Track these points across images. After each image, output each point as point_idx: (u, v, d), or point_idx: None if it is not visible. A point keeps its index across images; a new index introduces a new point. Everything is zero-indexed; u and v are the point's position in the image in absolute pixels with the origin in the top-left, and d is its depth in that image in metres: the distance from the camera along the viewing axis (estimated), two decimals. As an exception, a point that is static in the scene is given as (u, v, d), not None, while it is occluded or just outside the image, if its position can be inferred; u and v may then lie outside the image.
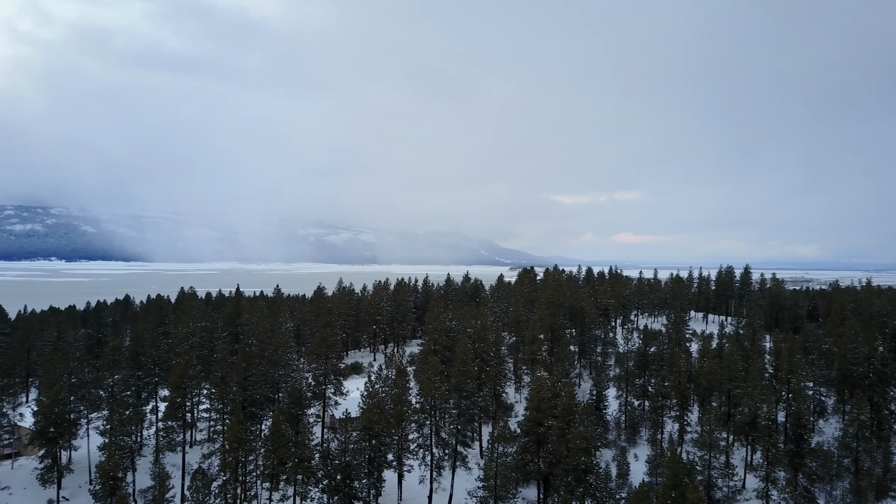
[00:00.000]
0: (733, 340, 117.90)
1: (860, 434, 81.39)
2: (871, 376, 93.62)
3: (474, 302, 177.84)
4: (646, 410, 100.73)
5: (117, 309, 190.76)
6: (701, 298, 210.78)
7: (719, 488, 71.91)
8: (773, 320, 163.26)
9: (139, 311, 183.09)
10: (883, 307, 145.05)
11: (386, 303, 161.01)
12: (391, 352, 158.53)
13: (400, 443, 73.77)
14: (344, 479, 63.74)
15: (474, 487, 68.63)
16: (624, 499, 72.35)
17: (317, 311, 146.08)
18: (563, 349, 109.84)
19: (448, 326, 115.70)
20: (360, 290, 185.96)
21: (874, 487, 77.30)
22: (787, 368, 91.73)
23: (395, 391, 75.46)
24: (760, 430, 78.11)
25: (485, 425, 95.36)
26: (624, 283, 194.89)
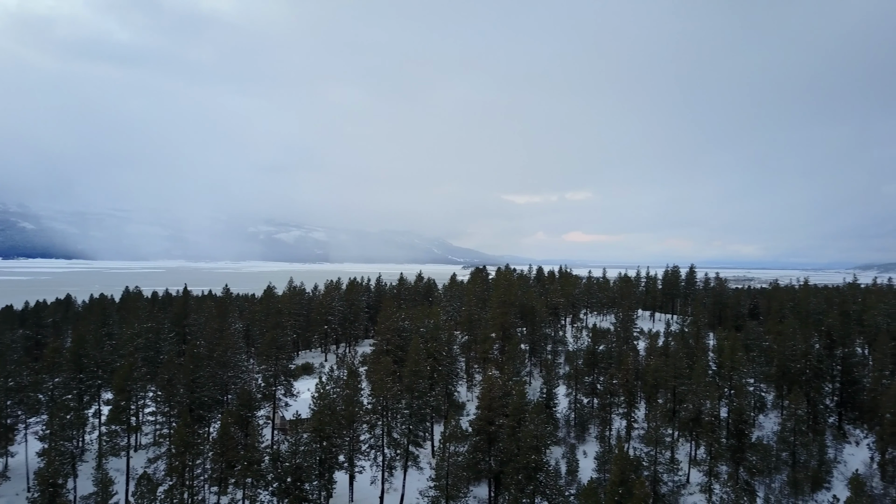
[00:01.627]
0: (679, 338, 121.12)
1: (797, 428, 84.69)
2: (807, 372, 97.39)
3: (427, 301, 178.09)
4: (594, 408, 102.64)
5: (58, 309, 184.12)
6: (648, 297, 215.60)
7: (665, 483, 73.83)
8: (716, 318, 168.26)
9: (81, 311, 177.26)
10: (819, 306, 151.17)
11: (338, 302, 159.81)
12: (343, 352, 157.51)
13: (351, 444, 73.47)
14: (294, 482, 63.12)
15: (426, 487, 68.87)
16: (573, 495, 73.53)
17: (267, 310, 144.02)
18: (514, 348, 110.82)
19: (401, 326, 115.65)
20: (312, 290, 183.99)
21: (810, 479, 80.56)
22: (729, 365, 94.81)
23: (346, 392, 75.04)
24: (704, 426, 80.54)
25: (437, 424, 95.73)
26: (573, 282, 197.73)
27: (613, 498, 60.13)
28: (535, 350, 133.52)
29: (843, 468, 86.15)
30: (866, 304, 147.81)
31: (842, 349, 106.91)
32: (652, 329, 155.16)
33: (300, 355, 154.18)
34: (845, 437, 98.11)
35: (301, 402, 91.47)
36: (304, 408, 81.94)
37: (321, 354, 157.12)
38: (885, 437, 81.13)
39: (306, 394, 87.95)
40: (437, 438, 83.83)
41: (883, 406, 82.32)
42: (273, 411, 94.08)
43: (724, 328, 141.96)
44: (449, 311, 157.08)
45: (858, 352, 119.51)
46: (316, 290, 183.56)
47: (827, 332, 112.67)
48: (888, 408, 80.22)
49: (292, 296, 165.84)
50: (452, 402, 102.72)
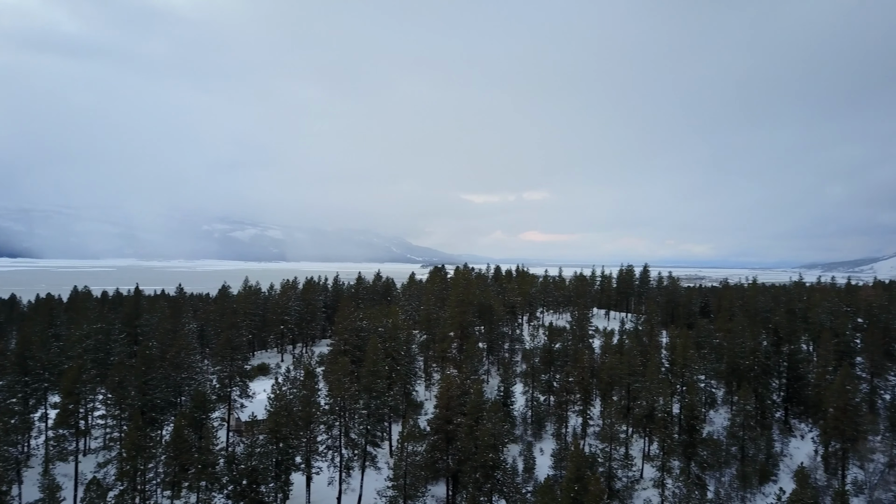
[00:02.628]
0: (633, 336, 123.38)
1: (746, 423, 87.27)
2: (755, 369, 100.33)
3: (386, 300, 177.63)
4: (551, 405, 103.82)
5: (2, 309, 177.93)
6: (603, 296, 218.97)
7: (619, 479, 75.25)
8: (669, 316, 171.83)
9: (27, 312, 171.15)
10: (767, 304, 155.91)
11: (294, 302, 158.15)
12: (300, 352, 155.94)
13: (308, 445, 72.80)
14: (250, 484, 62.31)
15: (384, 487, 68.81)
16: (530, 493, 74.30)
17: (222, 310, 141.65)
18: (472, 346, 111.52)
19: (359, 326, 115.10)
20: (268, 289, 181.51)
21: (758, 473, 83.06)
22: (681, 362, 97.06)
23: (303, 392, 74.38)
24: (657, 422, 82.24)
25: (395, 424, 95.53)
26: (530, 281, 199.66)
27: (569, 495, 60.97)
28: (492, 348, 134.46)
29: (790, 461, 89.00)
30: (811, 302, 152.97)
31: (788, 346, 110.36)
32: (607, 327, 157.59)
33: (256, 356, 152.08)
34: (791, 431, 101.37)
35: (257, 403, 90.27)
36: (260, 409, 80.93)
37: (277, 355, 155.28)
38: (828, 431, 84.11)
39: (262, 395, 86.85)
40: (395, 438, 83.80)
41: (826, 401, 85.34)
42: (228, 413, 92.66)
43: (676, 326, 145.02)
44: (407, 310, 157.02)
45: (804, 348, 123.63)
46: (272, 289, 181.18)
47: (774, 329, 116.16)
48: (831, 402, 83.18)
49: (248, 295, 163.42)
50: (410, 401, 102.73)
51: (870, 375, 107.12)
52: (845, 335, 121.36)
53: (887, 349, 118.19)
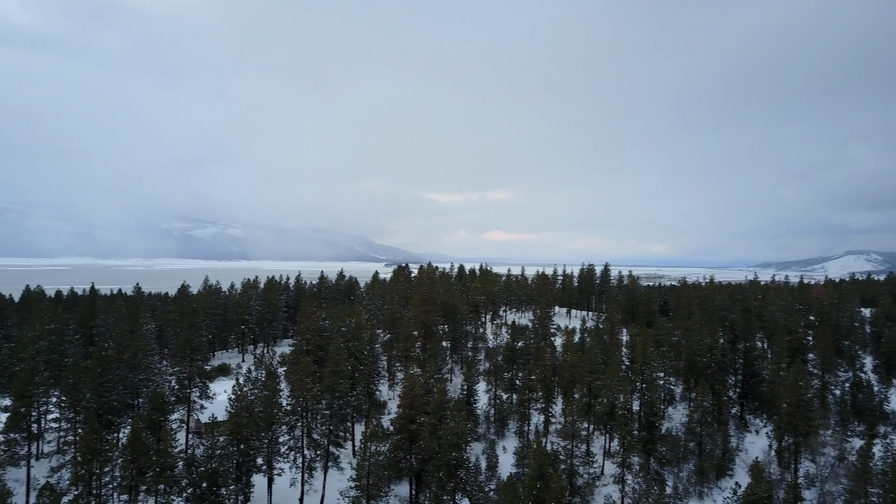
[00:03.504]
0: (594, 334, 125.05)
1: (703, 419, 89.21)
2: (712, 366, 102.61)
3: (349, 300, 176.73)
4: (514, 403, 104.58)
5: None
6: (565, 294, 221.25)
7: (580, 476, 76.11)
8: (629, 315, 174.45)
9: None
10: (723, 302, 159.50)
11: (255, 301, 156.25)
12: (261, 353, 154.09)
13: (270, 446, 72.09)
14: (210, 487, 61.39)
15: (346, 487, 68.50)
16: (493, 491, 74.78)
17: (181, 310, 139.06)
18: (436, 345, 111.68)
19: (321, 325, 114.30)
20: (228, 289, 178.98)
21: (715, 468, 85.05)
22: (641, 360, 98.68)
23: (264, 393, 73.65)
24: (618, 419, 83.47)
25: (358, 424, 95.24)
26: (494, 280, 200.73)
27: (531, 492, 61.58)
28: (456, 347, 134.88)
29: (745, 456, 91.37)
30: (766, 300, 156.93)
31: (744, 343, 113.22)
32: (568, 325, 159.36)
33: (216, 356, 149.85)
34: (746, 427, 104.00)
35: (217, 404, 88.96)
36: (220, 410, 79.73)
37: (238, 355, 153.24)
38: (781, 426, 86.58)
39: (223, 396, 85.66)
40: (358, 438, 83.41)
41: (780, 396, 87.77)
42: (188, 414, 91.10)
43: (636, 324, 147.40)
44: (371, 309, 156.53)
45: (759, 346, 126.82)
46: (233, 288, 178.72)
47: (730, 327, 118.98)
48: (784, 398, 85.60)
49: (208, 295, 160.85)
50: (374, 401, 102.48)
51: (821, 372, 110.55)
52: (798, 333, 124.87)
53: (837, 346, 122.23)
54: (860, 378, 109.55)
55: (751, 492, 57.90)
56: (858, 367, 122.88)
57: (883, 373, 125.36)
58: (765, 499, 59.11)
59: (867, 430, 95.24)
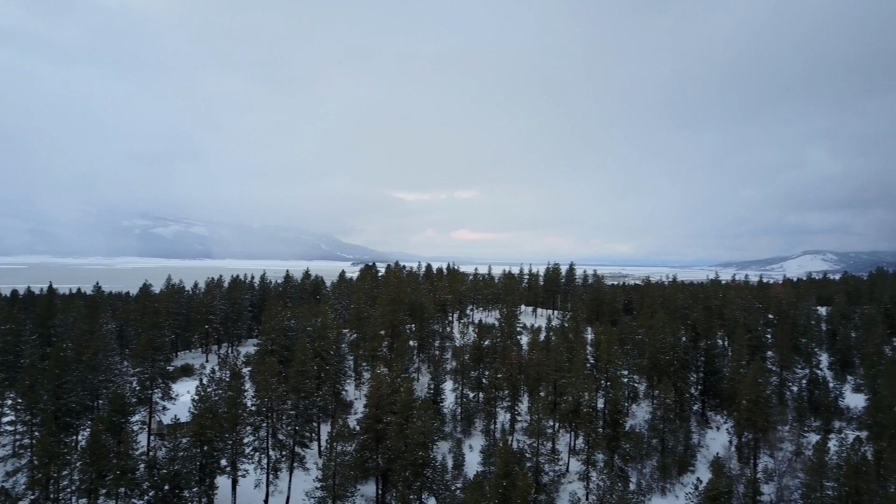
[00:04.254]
0: (559, 333, 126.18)
1: (666, 416, 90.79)
2: (675, 364, 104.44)
3: (315, 299, 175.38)
4: (480, 402, 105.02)
5: None
6: (531, 293, 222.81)
7: (546, 473, 76.84)
8: (594, 313, 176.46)
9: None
10: (686, 301, 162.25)
11: (220, 301, 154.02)
12: (225, 353, 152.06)
13: (234, 447, 71.22)
14: (172, 489, 60.40)
15: (312, 488, 68.03)
16: (459, 489, 75.03)
17: (142, 310, 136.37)
18: (403, 345, 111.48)
19: (286, 325, 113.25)
20: (192, 288, 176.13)
21: (677, 464, 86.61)
22: (605, 358, 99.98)
23: (229, 394, 72.72)
24: (583, 417, 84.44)
25: (324, 424, 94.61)
26: (461, 279, 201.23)
27: (498, 490, 61.91)
28: (423, 346, 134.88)
29: (706, 452, 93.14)
30: (726, 299, 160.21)
31: (705, 341, 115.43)
32: (534, 324, 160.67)
33: (179, 356, 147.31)
34: (708, 423, 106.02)
35: (180, 405, 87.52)
36: (183, 411, 78.46)
37: (202, 355, 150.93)
38: (741, 422, 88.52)
39: (186, 397, 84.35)
40: (324, 438, 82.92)
41: (740, 393, 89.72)
42: (149, 416, 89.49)
43: (601, 323, 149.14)
44: (337, 308, 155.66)
45: (719, 343, 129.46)
46: (196, 287, 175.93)
47: (692, 325, 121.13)
48: (744, 395, 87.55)
49: (170, 294, 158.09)
50: (340, 401, 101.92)
51: (779, 369, 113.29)
52: (757, 331, 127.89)
53: (795, 344, 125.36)
54: (816, 375, 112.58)
55: (712, 487, 59.07)
56: (815, 364, 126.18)
57: (838, 369, 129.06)
58: (725, 493, 60.34)
59: (823, 425, 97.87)
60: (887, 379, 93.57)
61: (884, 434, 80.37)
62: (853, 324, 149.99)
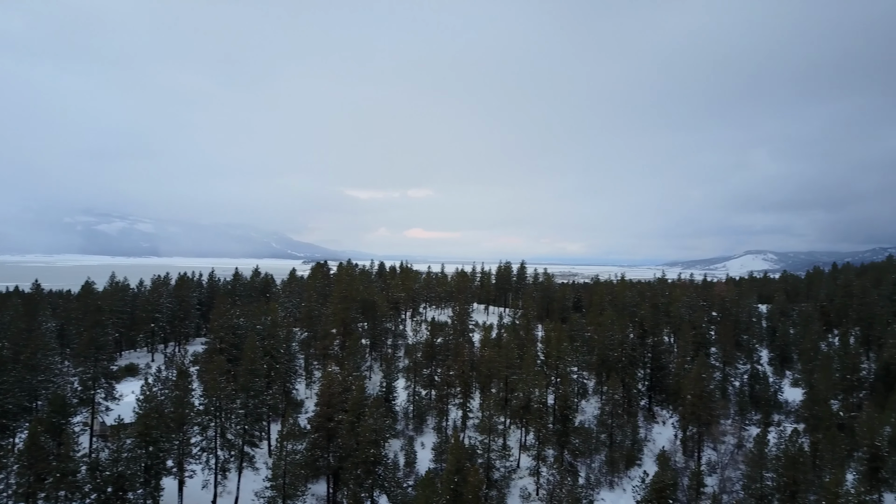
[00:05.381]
0: (510, 330, 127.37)
1: (614, 412, 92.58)
2: (623, 360, 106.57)
3: (264, 297, 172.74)
4: (432, 399, 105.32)
5: None
6: (483, 291, 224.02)
7: (497, 469, 77.58)
8: (544, 311, 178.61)
9: None
10: (633, 299, 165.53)
11: (166, 299, 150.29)
12: (172, 352, 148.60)
13: (181, 447, 69.75)
14: (115, 491, 58.82)
15: (262, 488, 67.13)
16: (411, 487, 75.13)
17: (85, 308, 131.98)
18: (355, 343, 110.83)
19: (235, 323, 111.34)
20: (137, 285, 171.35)
21: (624, 458, 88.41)
22: (555, 355, 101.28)
23: (175, 393, 71.18)
24: (533, 413, 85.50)
25: (274, 423, 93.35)
26: (414, 277, 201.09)
27: (449, 486, 62.27)
28: (375, 345, 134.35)
29: (653, 446, 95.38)
30: (672, 297, 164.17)
31: (652, 338, 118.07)
32: (486, 321, 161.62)
33: (123, 356, 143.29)
34: (654, 418, 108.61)
35: (125, 405, 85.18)
36: (127, 412, 76.32)
37: (148, 355, 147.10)
38: (686, 417, 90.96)
39: (130, 397, 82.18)
40: (274, 437, 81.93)
41: (685, 388, 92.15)
42: (91, 417, 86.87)
43: (551, 320, 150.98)
44: (288, 307, 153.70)
45: (666, 340, 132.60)
46: (142, 285, 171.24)
47: (640, 322, 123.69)
48: (689, 390, 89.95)
49: (115, 292, 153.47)
50: (291, 400, 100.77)
51: (722, 364, 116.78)
52: (701, 328, 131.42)
53: (737, 340, 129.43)
54: (757, 370, 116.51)
55: (657, 479, 60.48)
56: (755, 360, 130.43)
57: (777, 365, 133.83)
58: (670, 486, 61.86)
59: (763, 418, 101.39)
60: (823, 374, 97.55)
61: (819, 426, 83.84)
62: (791, 321, 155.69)
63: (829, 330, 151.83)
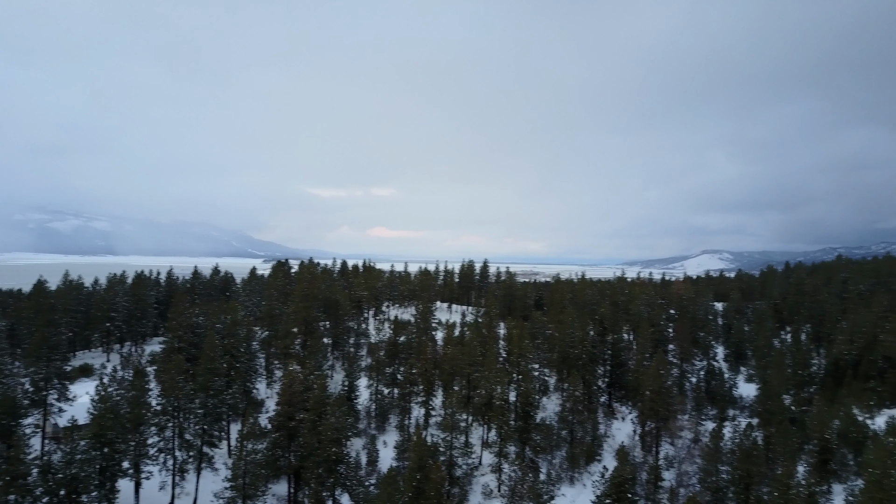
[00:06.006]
0: (473, 328, 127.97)
1: (575, 408, 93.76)
2: (584, 357, 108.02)
3: (224, 296, 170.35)
4: (395, 398, 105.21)
5: None
6: (446, 290, 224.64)
7: (459, 466, 77.91)
8: (507, 309, 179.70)
9: None
10: (594, 297, 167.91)
11: (123, 298, 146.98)
12: (128, 351, 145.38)
13: (137, 448, 68.32)
14: (69, 494, 57.40)
15: (221, 488, 66.18)
16: (373, 485, 74.94)
17: (37, 307, 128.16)
18: (317, 342, 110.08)
19: (194, 322, 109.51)
20: (92, 284, 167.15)
21: (585, 454, 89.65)
22: (517, 352, 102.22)
23: (132, 393, 69.70)
24: (495, 410, 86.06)
25: (234, 423, 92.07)
26: (377, 275, 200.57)
27: (411, 483, 62.34)
28: (337, 343, 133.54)
29: (612, 441, 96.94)
30: (631, 295, 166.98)
31: (612, 335, 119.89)
32: (449, 319, 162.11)
33: (78, 356, 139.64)
34: (614, 414, 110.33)
35: (78, 406, 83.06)
36: (81, 413, 74.48)
37: (103, 355, 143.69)
38: (644, 412, 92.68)
39: (85, 398, 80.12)
40: (234, 437, 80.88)
41: (643, 384, 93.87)
42: (44, 418, 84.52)
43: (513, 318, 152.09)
44: (248, 306, 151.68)
45: (625, 337, 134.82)
46: (97, 284, 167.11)
47: (600, 320, 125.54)
48: (647, 386, 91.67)
49: (68, 290, 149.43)
50: (251, 399, 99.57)
51: (680, 361, 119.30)
52: (660, 325, 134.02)
53: (694, 337, 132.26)
54: (713, 366, 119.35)
55: (617, 474, 61.42)
56: (712, 357, 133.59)
57: (732, 361, 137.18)
58: (629, 480, 62.92)
59: (718, 413, 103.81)
60: (776, 370, 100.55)
61: (772, 420, 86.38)
62: (746, 318, 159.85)
63: (781, 327, 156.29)
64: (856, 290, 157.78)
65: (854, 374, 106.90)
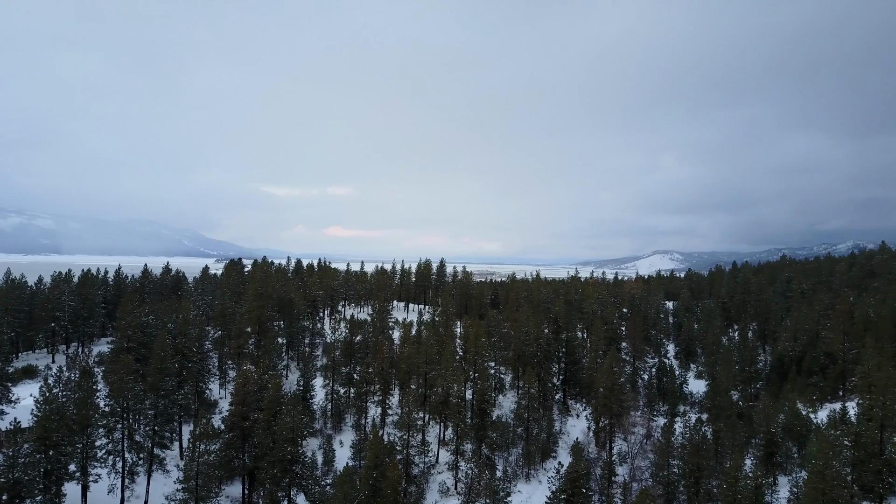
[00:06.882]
0: (430, 327, 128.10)
1: (530, 405, 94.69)
2: (539, 355, 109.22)
3: (176, 295, 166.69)
4: (351, 397, 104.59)
5: None
6: (403, 289, 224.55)
7: (416, 465, 77.93)
8: (463, 308, 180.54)
9: None
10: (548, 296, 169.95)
11: (68, 297, 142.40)
12: (74, 352, 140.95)
13: (84, 451, 66.35)
14: (12, 499, 55.43)
15: (173, 490, 64.83)
16: (329, 484, 74.36)
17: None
18: (271, 341, 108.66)
19: (144, 321, 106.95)
20: (36, 283, 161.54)
21: (540, 450, 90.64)
22: (473, 351, 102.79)
23: (78, 394, 67.64)
24: (452, 408, 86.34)
25: (186, 425, 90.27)
26: (332, 275, 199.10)
27: (368, 482, 62.12)
28: (292, 343, 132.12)
29: (567, 438, 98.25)
30: (585, 294, 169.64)
31: (566, 333, 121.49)
32: (406, 318, 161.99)
33: (21, 357, 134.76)
34: (569, 411, 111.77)
35: (22, 408, 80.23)
36: (25, 415, 71.98)
37: (48, 356, 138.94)
38: (598, 409, 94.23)
39: (28, 400, 77.43)
40: (186, 439, 79.23)
41: (597, 382, 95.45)
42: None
43: (469, 317, 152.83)
44: (200, 305, 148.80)
45: (579, 336, 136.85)
46: (41, 283, 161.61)
47: (554, 318, 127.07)
48: (601, 383, 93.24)
49: (10, 290, 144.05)
50: (204, 400, 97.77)
51: (632, 358, 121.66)
52: (613, 323, 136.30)
53: (646, 335, 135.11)
54: (664, 363, 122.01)
55: (571, 470, 62.31)
56: (663, 354, 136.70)
57: (683, 358, 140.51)
58: (584, 476, 63.95)
59: (670, 409, 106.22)
60: (724, 366, 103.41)
61: (721, 416, 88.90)
62: (695, 317, 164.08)
63: (729, 325, 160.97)
64: (799, 289, 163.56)
65: (798, 369, 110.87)
